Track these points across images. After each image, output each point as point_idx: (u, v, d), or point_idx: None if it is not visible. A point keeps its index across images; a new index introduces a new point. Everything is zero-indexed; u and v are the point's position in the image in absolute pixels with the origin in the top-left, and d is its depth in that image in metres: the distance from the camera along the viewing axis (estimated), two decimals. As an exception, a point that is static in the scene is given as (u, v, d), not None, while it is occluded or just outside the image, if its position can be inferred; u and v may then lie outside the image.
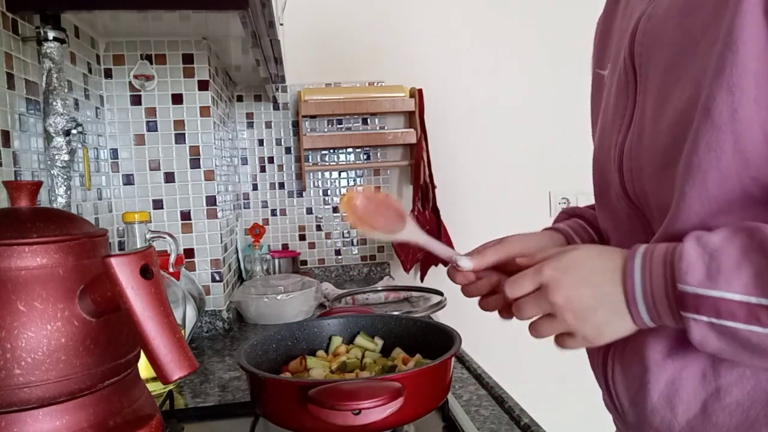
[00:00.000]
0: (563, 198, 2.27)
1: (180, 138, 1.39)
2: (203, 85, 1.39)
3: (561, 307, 0.54)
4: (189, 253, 1.41)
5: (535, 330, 0.59)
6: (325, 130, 2.20)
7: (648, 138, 0.57)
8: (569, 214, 0.81)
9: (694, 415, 0.55)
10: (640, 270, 0.51)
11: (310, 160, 2.19)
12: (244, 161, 2.17)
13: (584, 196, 1.50)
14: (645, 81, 0.58)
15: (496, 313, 0.67)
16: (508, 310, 0.62)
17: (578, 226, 0.76)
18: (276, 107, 2.18)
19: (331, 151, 2.20)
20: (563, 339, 0.57)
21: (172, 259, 1.10)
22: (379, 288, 1.76)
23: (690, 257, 0.48)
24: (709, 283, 0.46)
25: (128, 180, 1.39)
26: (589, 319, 0.54)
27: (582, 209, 0.81)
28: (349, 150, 2.21)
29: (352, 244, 2.24)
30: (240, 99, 2.16)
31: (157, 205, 1.40)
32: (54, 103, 0.98)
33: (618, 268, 0.53)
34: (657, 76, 0.56)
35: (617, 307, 0.53)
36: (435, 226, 2.13)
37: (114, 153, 1.38)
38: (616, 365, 0.62)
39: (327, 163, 2.20)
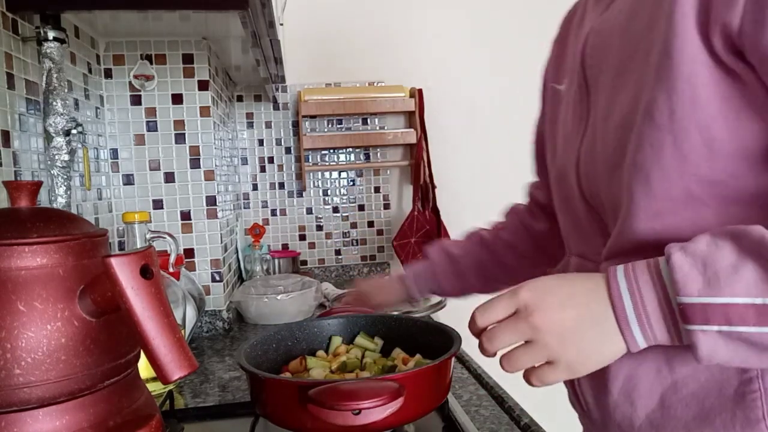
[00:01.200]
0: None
1: (180, 138, 1.39)
2: (203, 85, 1.39)
3: (543, 331, 0.50)
4: (189, 253, 1.41)
5: (508, 362, 0.52)
6: (325, 130, 2.20)
7: (600, 142, 0.60)
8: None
9: (652, 409, 0.56)
10: (626, 288, 0.49)
11: (310, 160, 2.19)
12: (244, 161, 2.17)
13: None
14: (596, 90, 0.61)
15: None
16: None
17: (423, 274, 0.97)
18: (276, 107, 2.18)
19: (331, 151, 2.20)
20: (540, 371, 0.52)
21: (172, 259, 1.10)
22: (379, 288, 1.76)
23: (683, 268, 0.47)
24: (711, 291, 0.45)
25: (128, 180, 1.39)
26: (574, 343, 0.50)
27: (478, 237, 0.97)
28: (349, 150, 2.21)
29: (352, 244, 2.24)
30: (240, 99, 2.16)
31: (157, 205, 1.40)
32: (54, 103, 0.98)
33: (601, 288, 0.50)
34: (606, 83, 0.60)
35: (606, 329, 0.49)
36: (435, 226, 2.13)
37: (114, 153, 1.38)
38: None
39: (327, 163, 2.20)
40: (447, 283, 1.00)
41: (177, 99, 1.38)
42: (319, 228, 2.21)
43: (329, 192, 2.22)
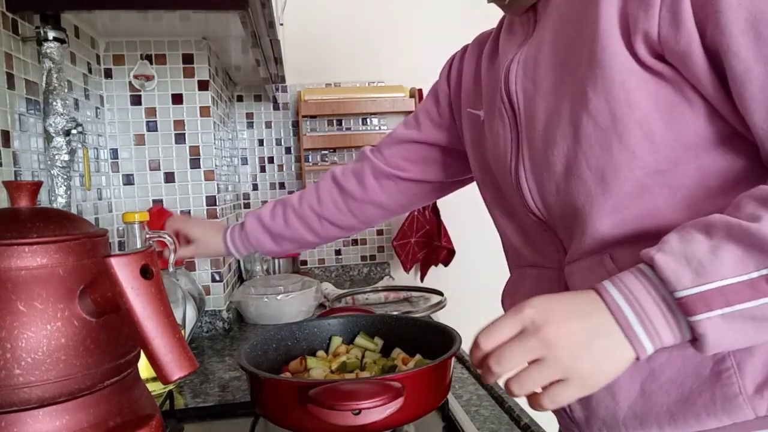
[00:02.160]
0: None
1: (180, 138, 1.39)
2: (203, 85, 1.39)
3: (554, 345, 0.49)
4: (189, 253, 1.41)
5: (518, 383, 0.50)
6: (325, 130, 2.20)
7: (542, 157, 0.65)
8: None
9: (634, 399, 0.59)
10: (623, 299, 0.50)
11: (310, 160, 2.19)
12: (244, 161, 2.17)
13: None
14: (530, 114, 0.67)
15: (496, 313, 0.66)
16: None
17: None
18: (276, 107, 2.18)
19: (331, 151, 2.20)
20: (552, 391, 0.50)
21: (171, 259, 1.10)
22: (379, 288, 1.76)
23: (669, 265, 0.48)
24: (702, 279, 0.47)
25: (128, 180, 1.39)
26: (585, 354, 0.49)
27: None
28: (350, 150, 2.21)
29: (352, 244, 2.24)
30: (240, 99, 2.16)
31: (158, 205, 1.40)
32: (54, 103, 0.98)
33: (597, 301, 0.51)
34: (542, 104, 0.65)
35: (614, 339, 0.50)
36: (435, 226, 2.13)
37: (114, 153, 1.38)
38: None
39: (327, 163, 2.20)
40: (261, 246, 1.07)
41: (177, 99, 1.38)
42: (319, 228, 2.21)
43: (329, 192, 2.21)
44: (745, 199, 0.50)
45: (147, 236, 1.02)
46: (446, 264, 2.15)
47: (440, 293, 1.62)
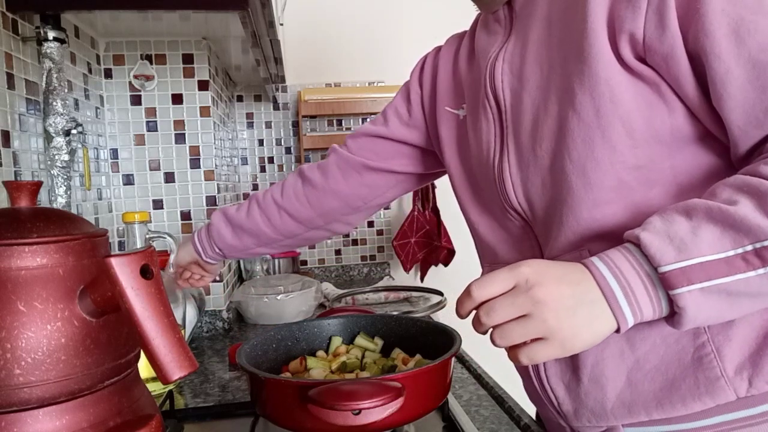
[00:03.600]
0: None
1: (180, 138, 1.39)
2: (203, 85, 1.39)
3: (542, 305, 0.52)
4: (189, 253, 1.41)
5: (501, 334, 0.53)
6: (325, 130, 2.20)
7: (528, 152, 0.67)
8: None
9: (621, 388, 0.62)
10: (609, 272, 0.53)
11: (310, 160, 2.19)
12: (244, 161, 2.17)
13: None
14: (516, 110, 0.68)
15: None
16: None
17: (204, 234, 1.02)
18: (276, 107, 2.18)
19: (331, 151, 2.20)
20: (531, 347, 0.53)
21: (172, 259, 1.10)
22: (379, 288, 1.76)
23: (654, 243, 0.51)
24: (684, 255, 0.50)
25: (128, 180, 1.39)
26: (569, 318, 0.52)
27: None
28: (349, 150, 2.20)
29: (352, 244, 2.24)
30: (240, 99, 2.16)
31: (157, 205, 1.40)
32: (54, 103, 0.98)
33: (585, 272, 0.54)
34: (529, 101, 0.67)
35: (598, 308, 0.52)
36: (435, 226, 2.13)
37: (114, 153, 1.38)
38: (542, 363, 0.67)
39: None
40: (224, 243, 1.03)
41: (177, 99, 1.38)
42: (319, 228, 2.21)
43: (329, 192, 2.22)
44: (721, 186, 0.53)
45: (147, 236, 1.02)
46: (446, 264, 2.16)
47: (440, 293, 1.62)
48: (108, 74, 1.36)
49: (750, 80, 0.52)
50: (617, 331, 0.53)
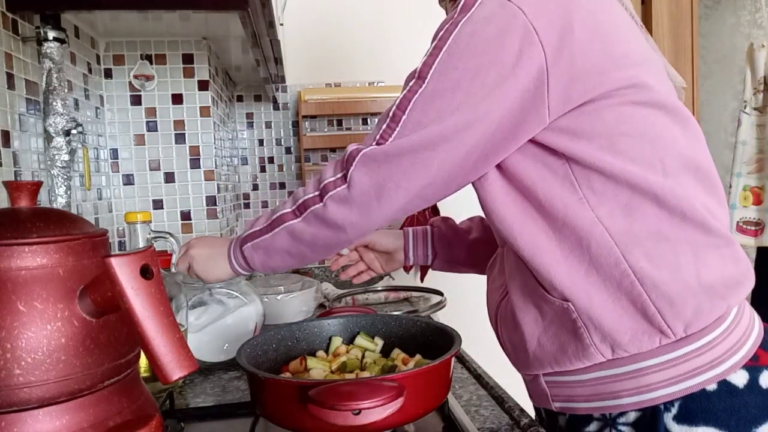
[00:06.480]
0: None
1: (180, 138, 1.39)
2: (203, 85, 1.39)
3: (193, 258, 0.93)
4: (189, 253, 1.41)
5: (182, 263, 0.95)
6: (325, 130, 2.20)
7: None
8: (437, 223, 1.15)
9: (534, 347, 0.79)
10: (230, 248, 0.89)
11: (310, 160, 2.19)
12: (244, 161, 2.17)
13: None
14: None
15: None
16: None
17: (421, 233, 1.15)
18: (276, 107, 2.18)
19: (331, 151, 2.20)
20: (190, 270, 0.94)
21: (174, 259, 1.10)
22: (379, 288, 1.76)
23: (247, 224, 0.87)
24: (250, 228, 0.85)
25: (128, 180, 1.39)
26: (205, 262, 0.92)
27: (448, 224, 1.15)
28: (349, 150, 2.20)
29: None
30: (240, 99, 2.16)
31: (157, 205, 1.40)
32: (54, 103, 0.98)
33: (225, 244, 0.90)
34: None
35: (222, 259, 0.89)
36: (435, 226, 2.13)
37: (114, 153, 1.38)
38: (500, 324, 0.85)
39: (327, 164, 2.20)
40: (441, 248, 1.13)
41: (177, 99, 1.38)
42: (319, 228, 2.21)
43: (329, 192, 2.21)
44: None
45: (149, 236, 1.02)
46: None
47: (440, 293, 1.62)
48: (108, 74, 1.36)
49: None
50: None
